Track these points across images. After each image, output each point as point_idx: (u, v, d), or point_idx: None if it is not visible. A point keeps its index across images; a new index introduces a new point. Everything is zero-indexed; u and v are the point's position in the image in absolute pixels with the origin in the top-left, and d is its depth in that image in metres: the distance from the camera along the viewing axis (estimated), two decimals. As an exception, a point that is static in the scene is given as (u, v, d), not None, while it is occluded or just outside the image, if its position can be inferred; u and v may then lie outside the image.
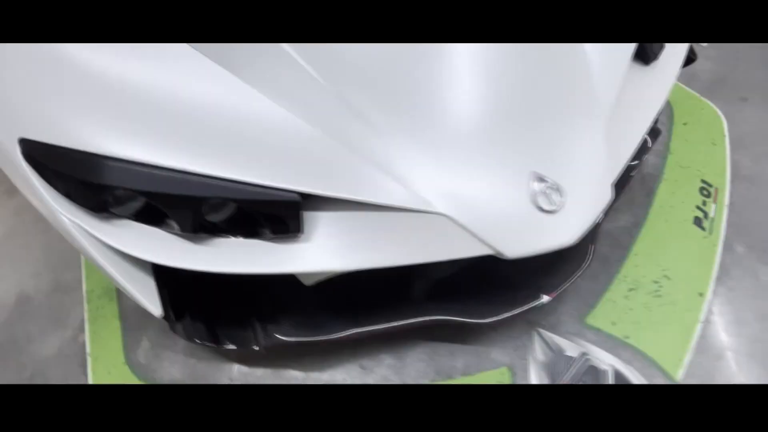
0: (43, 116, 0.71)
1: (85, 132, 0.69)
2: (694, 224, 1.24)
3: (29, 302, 1.29)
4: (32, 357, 1.18)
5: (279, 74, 0.78)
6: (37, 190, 0.73)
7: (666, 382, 0.99)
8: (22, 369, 1.16)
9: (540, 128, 0.81)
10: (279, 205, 0.71)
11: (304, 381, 1.06)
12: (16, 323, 1.25)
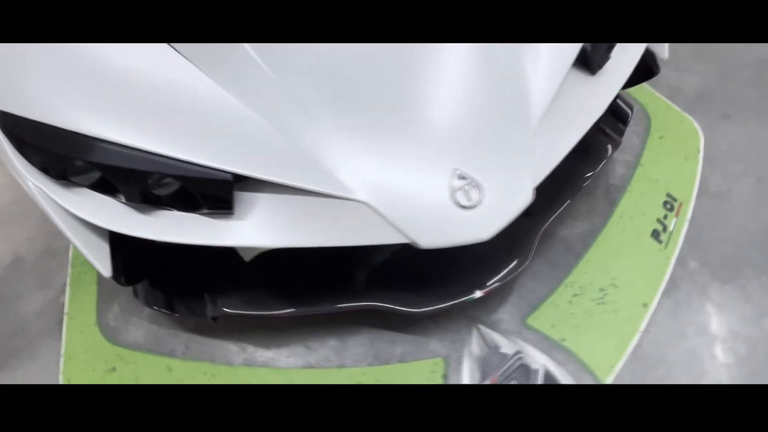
0: (15, 92, 0.81)
1: (49, 107, 0.78)
2: (651, 236, 1.24)
3: (22, 263, 1.42)
4: (17, 313, 1.30)
5: (230, 62, 0.85)
6: (9, 157, 0.83)
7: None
8: (6, 323, 1.28)
9: (468, 127, 0.85)
10: (213, 183, 0.78)
11: (252, 354, 1.13)
12: (8, 282, 1.38)
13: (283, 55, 0.87)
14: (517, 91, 0.87)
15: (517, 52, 0.89)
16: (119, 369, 1.14)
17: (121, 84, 0.81)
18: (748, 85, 1.63)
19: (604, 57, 0.97)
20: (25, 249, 1.45)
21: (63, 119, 0.77)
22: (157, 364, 1.14)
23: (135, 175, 0.78)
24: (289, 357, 1.13)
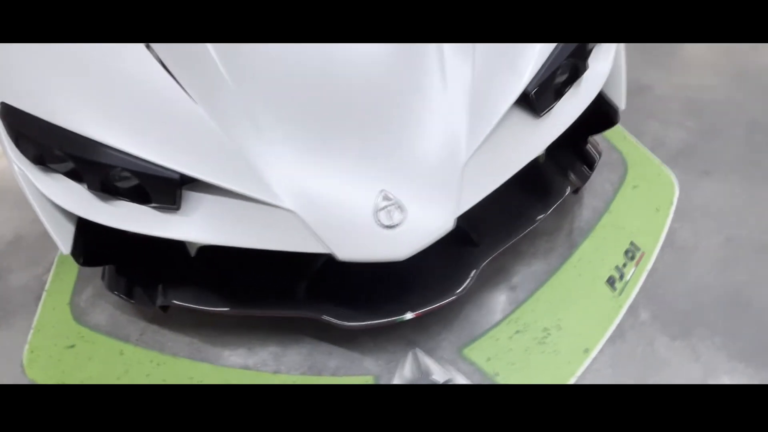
0: (12, 86, 0.95)
1: (37, 101, 0.91)
2: (606, 283, 1.23)
3: (20, 241, 1.56)
4: (5, 284, 1.42)
5: (197, 69, 0.96)
6: (3, 142, 0.96)
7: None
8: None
9: (401, 156, 0.91)
10: (162, 180, 0.87)
11: (198, 349, 1.19)
12: (4, 256, 1.51)
13: (246, 69, 0.98)
14: (451, 130, 0.93)
15: (455, 91, 0.96)
16: (78, 347, 1.23)
17: (97, 87, 0.93)
18: (735, 144, 1.61)
19: (550, 102, 1.02)
20: (26, 230, 1.59)
21: (47, 112, 0.90)
22: (111, 347, 1.22)
23: (99, 167, 0.89)
24: (230, 356, 1.17)
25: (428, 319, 1.19)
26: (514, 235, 1.14)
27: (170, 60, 0.97)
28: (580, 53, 1.06)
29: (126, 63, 0.96)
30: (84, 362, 1.19)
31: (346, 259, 0.85)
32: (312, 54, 1.00)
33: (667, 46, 2.13)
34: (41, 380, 1.16)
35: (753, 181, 1.48)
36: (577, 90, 1.07)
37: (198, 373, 1.14)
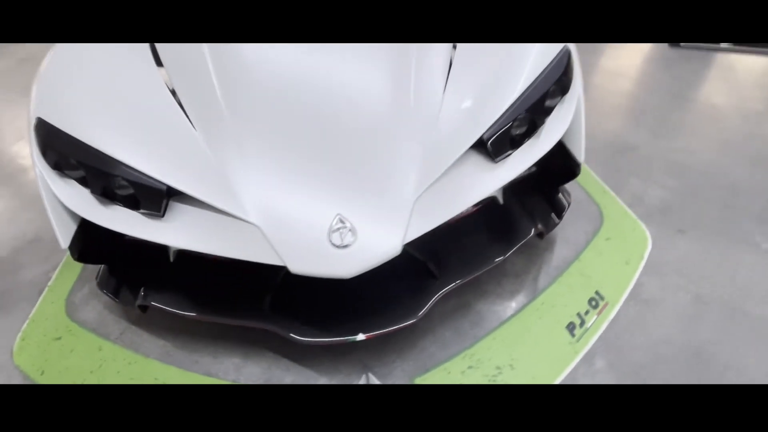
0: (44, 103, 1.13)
1: (63, 117, 1.09)
2: (566, 328, 1.25)
3: (38, 242, 1.73)
4: (15, 278, 1.57)
5: (202, 101, 1.13)
6: (32, 150, 1.14)
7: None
8: (2, 283, 1.55)
9: (361, 187, 1.02)
10: (151, 190, 1.01)
11: (168, 352, 1.27)
12: (21, 253, 1.68)
13: (241, 105, 1.14)
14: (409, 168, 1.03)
15: (418, 135, 1.07)
16: (63, 339, 1.33)
17: (115, 110, 1.11)
18: (714, 206, 1.64)
19: (506, 150, 1.12)
20: (46, 232, 1.77)
21: (71, 127, 1.07)
22: (92, 343, 1.31)
23: (104, 175, 1.04)
24: (196, 362, 1.24)
25: (385, 346, 1.23)
26: (473, 272, 1.20)
27: (181, 90, 1.15)
28: (538, 108, 1.17)
29: (143, 91, 1.14)
30: (66, 354, 1.29)
31: (297, 272, 0.94)
32: (298, 96, 1.16)
33: (657, 111, 2.24)
34: (25, 366, 1.26)
35: (728, 243, 1.49)
36: (535, 141, 1.17)
37: (163, 375, 1.21)
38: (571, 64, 1.25)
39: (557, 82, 1.21)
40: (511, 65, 1.22)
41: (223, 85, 1.16)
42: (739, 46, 2.82)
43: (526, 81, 1.17)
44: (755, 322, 1.24)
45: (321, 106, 1.15)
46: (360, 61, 1.27)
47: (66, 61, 1.23)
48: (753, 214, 1.59)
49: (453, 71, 1.21)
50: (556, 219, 1.38)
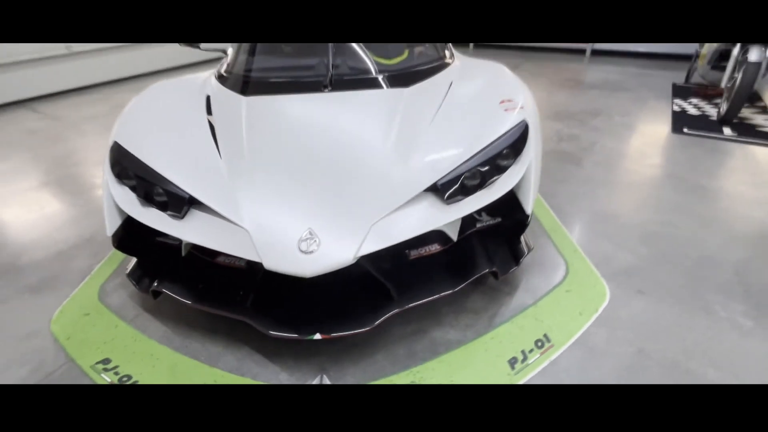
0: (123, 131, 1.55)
1: (131, 141, 1.49)
2: (507, 362, 1.37)
3: (92, 241, 2.12)
4: (65, 266, 1.94)
5: (232, 143, 1.50)
6: (105, 162, 1.54)
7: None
8: (56, 270, 1.92)
9: (334, 209, 1.28)
10: (177, 196, 1.34)
11: (166, 335, 1.51)
12: (77, 249, 2.07)
13: (258, 150, 1.48)
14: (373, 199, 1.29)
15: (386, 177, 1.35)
16: (90, 315, 1.63)
17: (167, 140, 1.50)
18: (680, 274, 1.72)
19: (456, 195, 1.36)
20: (99, 234, 2.17)
21: (136, 149, 1.47)
22: (111, 321, 1.60)
23: (148, 183, 1.40)
24: (186, 347, 1.47)
25: (342, 355, 1.41)
26: (426, 298, 1.38)
27: (219, 131, 1.54)
28: (491, 166, 1.42)
29: (190, 129, 1.55)
30: (89, 327, 1.57)
31: (269, 268, 1.19)
32: (301, 140, 1.51)
33: (648, 188, 2.38)
34: (57, 332, 1.56)
35: (685, 308, 1.55)
36: (485, 192, 1.40)
37: (157, 353, 1.45)
38: (526, 134, 1.52)
39: (511, 147, 1.47)
40: (473, 129, 1.51)
41: (249, 131, 1.53)
42: (740, 137, 2.95)
43: (483, 144, 1.44)
44: (695, 379, 1.28)
45: (317, 148, 1.48)
46: (356, 113, 1.63)
47: (142, 104, 1.68)
48: (717, 285, 1.66)
49: (427, 129, 1.51)
50: (513, 264, 1.56)
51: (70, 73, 5.07)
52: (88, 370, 1.40)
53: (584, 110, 3.66)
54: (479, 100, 1.69)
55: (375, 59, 1.95)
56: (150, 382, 1.35)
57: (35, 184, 2.78)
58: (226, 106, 1.72)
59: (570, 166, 2.69)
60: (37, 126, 3.95)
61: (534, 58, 5.76)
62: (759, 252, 1.83)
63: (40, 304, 1.72)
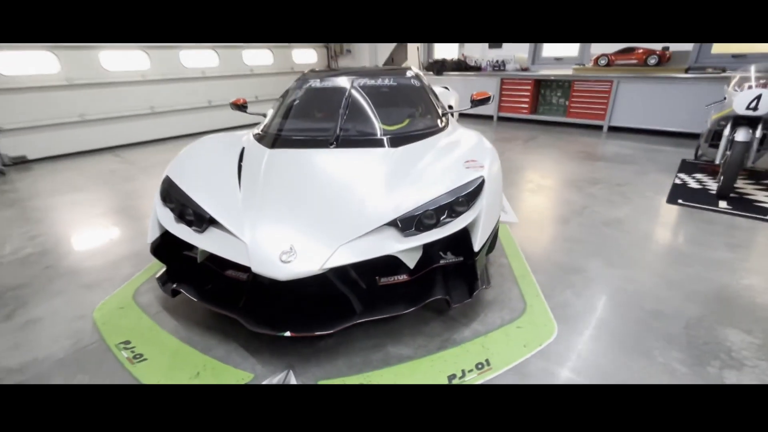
0: (174, 168, 2.07)
1: (179, 175, 2.00)
2: (447, 377, 1.57)
3: (138, 256, 2.61)
4: (113, 273, 2.41)
5: (252, 178, 1.96)
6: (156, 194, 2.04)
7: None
8: (106, 275, 2.39)
9: (314, 231, 1.64)
10: (201, 216, 1.78)
11: (176, 328, 1.87)
12: (125, 259, 2.56)
13: (270, 185, 1.93)
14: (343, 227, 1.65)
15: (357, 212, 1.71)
16: (124, 309, 2.04)
17: (205, 175, 1.99)
18: (630, 323, 1.85)
19: (412, 230, 1.68)
20: (144, 250, 2.67)
21: (180, 180, 1.96)
22: (138, 314, 1.99)
23: (182, 205, 1.86)
24: (189, 339, 1.81)
25: (309, 356, 1.68)
26: (383, 315, 1.66)
27: (244, 172, 2.02)
28: (446, 210, 1.74)
29: (222, 171, 2.04)
30: (121, 317, 1.97)
31: (255, 271, 1.54)
32: (303, 182, 1.94)
33: (623, 247, 2.54)
34: (97, 319, 1.97)
35: (626, 351, 1.68)
36: (439, 230, 1.71)
37: (166, 340, 1.80)
38: (481, 188, 1.85)
39: (466, 196, 1.80)
40: (437, 181, 1.87)
41: (265, 174, 1.99)
42: (733, 210, 3.04)
43: (441, 192, 1.79)
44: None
45: (311, 188, 1.90)
46: (349, 165, 2.05)
47: (193, 150, 2.23)
48: (662, 335, 1.77)
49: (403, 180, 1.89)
50: (467, 296, 1.80)
51: (149, 128, 6.16)
52: (112, 347, 1.77)
53: (585, 179, 3.91)
54: (449, 159, 2.06)
55: (379, 125, 2.42)
56: (156, 361, 1.68)
57: (106, 211, 3.43)
58: (254, 155, 2.22)
59: (557, 225, 2.91)
60: (116, 167, 4.82)
61: (552, 132, 6.15)
62: (713, 311, 1.92)
63: (90, 297, 2.16)
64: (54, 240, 2.90)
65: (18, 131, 4.99)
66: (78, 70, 5.30)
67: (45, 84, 5.07)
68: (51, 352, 1.77)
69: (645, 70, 5.65)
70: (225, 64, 6.85)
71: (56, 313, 2.05)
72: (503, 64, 7.18)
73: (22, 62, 4.90)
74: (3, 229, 3.11)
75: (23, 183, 4.33)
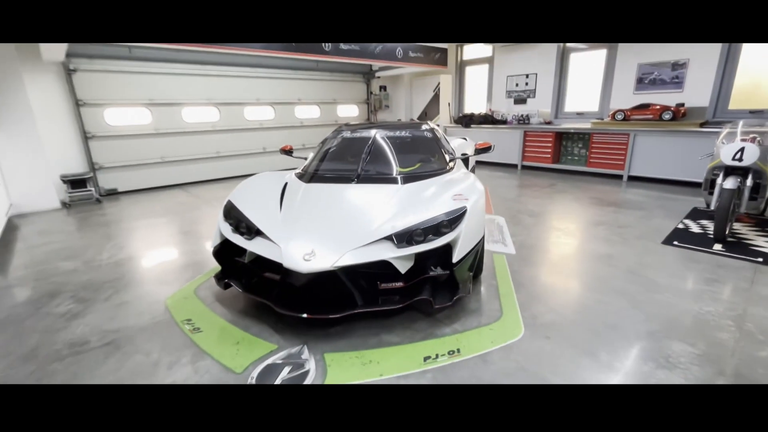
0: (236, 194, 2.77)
1: (239, 199, 2.69)
2: (423, 358, 2.00)
3: (199, 264, 3.30)
4: (180, 275, 3.09)
5: (292, 200, 2.61)
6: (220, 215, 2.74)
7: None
8: (173, 275, 3.08)
9: (331, 239, 2.21)
10: (251, 228, 2.42)
11: (224, 314, 2.45)
12: (190, 267, 3.25)
13: (305, 204, 2.56)
14: (353, 238, 2.20)
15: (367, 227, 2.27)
16: (187, 299, 2.67)
17: (259, 201, 2.66)
18: (587, 333, 2.18)
19: (404, 244, 2.19)
20: (203, 261, 3.36)
21: (239, 203, 2.65)
22: (197, 304, 2.61)
23: (238, 221, 2.52)
24: (234, 321, 2.38)
25: (320, 338, 2.17)
26: (378, 307, 2.15)
27: (286, 198, 2.68)
28: (433, 230, 2.26)
29: (269, 197, 2.71)
30: (185, 305, 2.60)
31: (286, 266, 2.11)
32: (329, 205, 2.55)
33: (606, 277, 2.86)
34: (169, 305, 2.61)
35: (573, 351, 2.01)
36: (425, 244, 2.22)
37: (216, 320, 2.39)
38: (462, 215, 2.35)
39: (449, 221, 2.31)
40: (428, 208, 2.40)
41: (300, 201, 2.64)
42: (726, 252, 3.24)
43: (430, 216, 2.31)
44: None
45: (334, 211, 2.50)
46: (365, 196, 2.65)
47: (250, 182, 2.95)
48: (613, 343, 2.08)
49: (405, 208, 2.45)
50: (448, 301, 2.25)
51: (214, 169, 7.26)
52: (178, 322, 2.39)
53: (589, 221, 4.23)
54: (444, 194, 2.60)
55: (395, 167, 3.04)
56: (208, 333, 2.26)
57: (177, 231, 4.25)
58: (293, 188, 2.89)
59: (550, 256, 3.27)
60: (185, 200, 5.79)
61: (572, 180, 6.49)
62: (666, 328, 2.20)
63: (163, 290, 2.84)
64: (137, 251, 3.70)
65: (113, 169, 6.19)
66: (164, 122, 6.55)
67: (138, 132, 6.33)
68: (136, 323, 2.40)
69: (660, 124, 5.97)
70: (279, 117, 8.01)
71: (140, 298, 2.72)
72: (527, 118, 7.75)
73: (124, 115, 6.19)
74: (101, 242, 3.98)
75: (114, 209, 5.36)
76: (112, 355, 2.10)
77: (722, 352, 1.98)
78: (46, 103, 5.48)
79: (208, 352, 2.09)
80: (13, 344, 2.23)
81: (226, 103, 7.20)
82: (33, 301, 2.74)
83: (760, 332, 2.15)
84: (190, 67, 6.62)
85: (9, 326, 2.42)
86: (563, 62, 7.50)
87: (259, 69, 7.41)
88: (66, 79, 5.58)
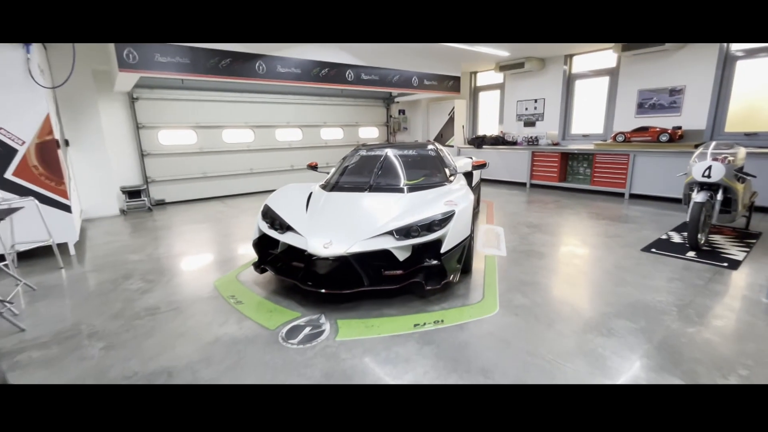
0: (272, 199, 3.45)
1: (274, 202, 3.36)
2: (413, 324, 2.54)
3: (238, 257, 3.97)
4: (223, 265, 3.77)
5: (317, 205, 3.27)
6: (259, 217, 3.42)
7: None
8: (218, 266, 3.75)
9: (345, 233, 2.82)
10: (283, 224, 3.08)
11: (259, 292, 3.09)
12: (231, 260, 3.93)
13: (327, 207, 3.21)
14: (363, 231, 2.81)
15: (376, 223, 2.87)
16: (231, 282, 3.33)
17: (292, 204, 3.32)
18: (551, 313, 2.67)
19: (403, 237, 2.77)
20: (241, 256, 4.03)
21: (274, 205, 3.32)
22: (238, 285, 3.26)
23: (273, 219, 3.18)
24: (267, 297, 3.01)
25: (335, 311, 2.75)
26: (381, 286, 2.73)
27: (311, 203, 3.34)
28: (427, 228, 2.83)
29: (299, 202, 3.37)
30: (229, 285, 3.26)
31: (310, 251, 2.73)
32: (348, 208, 3.18)
33: (578, 275, 3.32)
34: (218, 285, 3.27)
35: (535, 323, 2.51)
36: (420, 238, 2.79)
37: (254, 297, 3.02)
38: (451, 217, 2.93)
39: (440, 221, 2.89)
40: (424, 210, 2.99)
41: (323, 205, 3.29)
42: (696, 258, 3.64)
43: (422, 216, 2.90)
44: (513, 349, 2.25)
45: (350, 212, 3.13)
46: (375, 201, 3.27)
47: (281, 190, 3.64)
48: (569, 320, 2.55)
49: (406, 210, 3.05)
50: (438, 284, 2.80)
51: (247, 184, 8.11)
52: (225, 297, 3.04)
53: (582, 232, 4.67)
54: (438, 199, 3.18)
55: (402, 179, 3.66)
56: (248, 305, 2.89)
57: (217, 234, 4.99)
58: (317, 196, 3.55)
59: (533, 258, 3.76)
60: (222, 210, 6.59)
61: (576, 197, 6.90)
62: (617, 311, 2.65)
63: (211, 275, 3.52)
64: (187, 248, 4.43)
65: (162, 182, 7.11)
66: (207, 142, 7.48)
67: (185, 151, 7.26)
68: (193, 297, 3.07)
69: (658, 145, 6.36)
70: (307, 138, 8.86)
71: (194, 281, 3.40)
72: (536, 140, 8.26)
73: (174, 136, 7.15)
74: (156, 241, 4.75)
75: (162, 217, 6.20)
76: (177, 317, 2.75)
77: (657, 327, 2.43)
78: (114, 126, 6.48)
79: (249, 316, 2.71)
80: (104, 308, 2.93)
81: (260, 125, 8.10)
82: (112, 280, 3.47)
83: (697, 316, 2.57)
84: (231, 95, 7.57)
85: (98, 297, 3.14)
86: (569, 87, 8.04)
87: (290, 96, 8.32)
88: (130, 106, 6.59)
